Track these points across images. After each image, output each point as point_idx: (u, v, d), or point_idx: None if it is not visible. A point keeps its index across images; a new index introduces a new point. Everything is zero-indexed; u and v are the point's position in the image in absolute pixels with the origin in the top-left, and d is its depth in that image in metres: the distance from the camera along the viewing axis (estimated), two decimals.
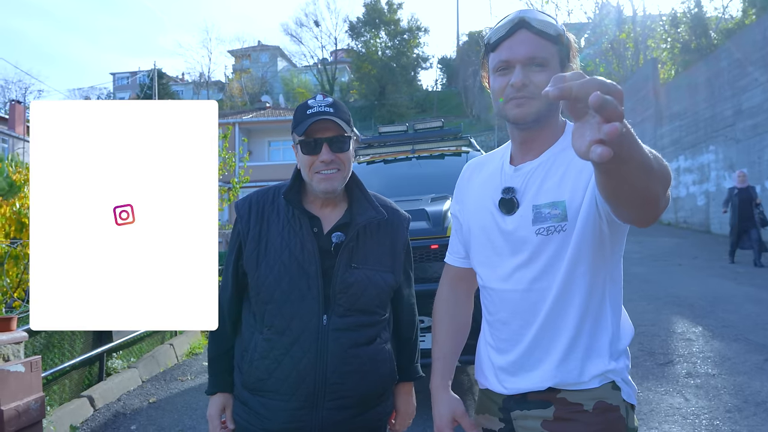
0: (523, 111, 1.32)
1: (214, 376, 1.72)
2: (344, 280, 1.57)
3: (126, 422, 4.46)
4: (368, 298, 1.61)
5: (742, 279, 8.55)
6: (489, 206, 1.43)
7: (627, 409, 1.33)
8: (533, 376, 1.36)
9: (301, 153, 1.59)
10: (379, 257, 1.65)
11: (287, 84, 55.50)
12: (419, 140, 5.88)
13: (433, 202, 4.29)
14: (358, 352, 1.58)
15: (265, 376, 1.57)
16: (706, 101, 15.08)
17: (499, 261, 1.41)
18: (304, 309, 1.55)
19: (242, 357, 1.64)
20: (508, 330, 1.41)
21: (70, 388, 4.72)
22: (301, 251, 1.57)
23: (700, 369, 4.74)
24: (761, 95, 12.42)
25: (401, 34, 53.68)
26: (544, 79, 1.29)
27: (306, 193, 1.67)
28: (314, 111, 1.57)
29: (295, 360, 1.55)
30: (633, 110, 20.43)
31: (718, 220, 14.61)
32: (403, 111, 48.82)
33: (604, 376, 1.32)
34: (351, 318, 1.58)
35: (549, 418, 1.33)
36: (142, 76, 56.88)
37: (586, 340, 1.33)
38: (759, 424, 3.62)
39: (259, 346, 1.58)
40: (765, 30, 12.27)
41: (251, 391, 1.61)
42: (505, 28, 1.34)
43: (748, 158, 13.06)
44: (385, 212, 1.68)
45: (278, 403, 1.57)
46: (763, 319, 6.13)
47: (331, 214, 1.66)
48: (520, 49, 1.31)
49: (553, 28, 1.32)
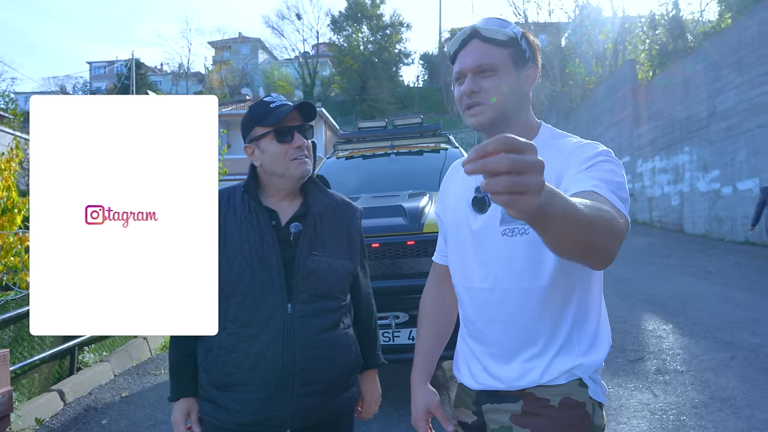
0: (478, 119, 1.38)
1: (177, 381, 1.72)
2: (306, 267, 1.62)
3: (97, 416, 4.41)
4: (330, 284, 1.66)
5: (713, 278, 8.72)
6: (464, 205, 1.46)
7: (594, 407, 1.35)
8: (500, 375, 1.39)
9: (276, 143, 1.64)
10: (337, 244, 1.72)
11: (268, 77, 55.07)
12: (398, 136, 5.88)
13: (410, 198, 4.30)
14: (323, 337, 1.62)
15: (233, 369, 1.58)
16: (682, 103, 15.33)
17: (466, 259, 1.45)
18: (269, 300, 1.58)
19: (206, 357, 1.64)
20: (475, 328, 1.45)
21: (39, 382, 4.65)
22: (260, 244, 1.61)
23: (669, 366, 4.84)
24: (735, 98, 12.67)
25: (383, 29, 53.59)
26: (494, 84, 1.35)
27: (263, 189, 1.72)
28: (279, 104, 1.66)
29: (263, 349, 1.57)
30: (611, 110, 20.67)
31: (691, 219, 14.89)
32: (384, 106, 48.77)
33: (571, 373, 1.34)
34: (315, 304, 1.62)
35: (517, 412, 1.36)
36: (120, 65, 55.98)
37: (551, 338, 1.35)
38: (723, 419, 3.71)
39: (224, 342, 1.59)
40: (740, 33, 12.50)
41: (220, 388, 1.61)
42: (458, 41, 1.41)
43: (721, 159, 13.31)
44: (339, 200, 1.78)
45: (248, 395, 1.58)
46: (732, 317, 6.27)
47: (287, 207, 1.71)
48: (468, 59, 1.37)
49: (502, 34, 1.36)
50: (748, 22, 12.26)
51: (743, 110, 12.31)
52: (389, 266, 3.83)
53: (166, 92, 56.80)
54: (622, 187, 1.20)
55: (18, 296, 4.61)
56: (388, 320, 3.79)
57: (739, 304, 6.91)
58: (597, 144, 1.34)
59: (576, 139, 1.39)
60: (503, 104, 1.36)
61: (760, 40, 11.66)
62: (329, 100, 50.41)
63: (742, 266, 9.76)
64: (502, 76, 1.35)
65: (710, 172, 13.90)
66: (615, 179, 1.21)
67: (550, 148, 1.38)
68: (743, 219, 12.33)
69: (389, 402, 4.29)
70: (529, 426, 1.34)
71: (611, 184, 1.18)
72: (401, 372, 5.06)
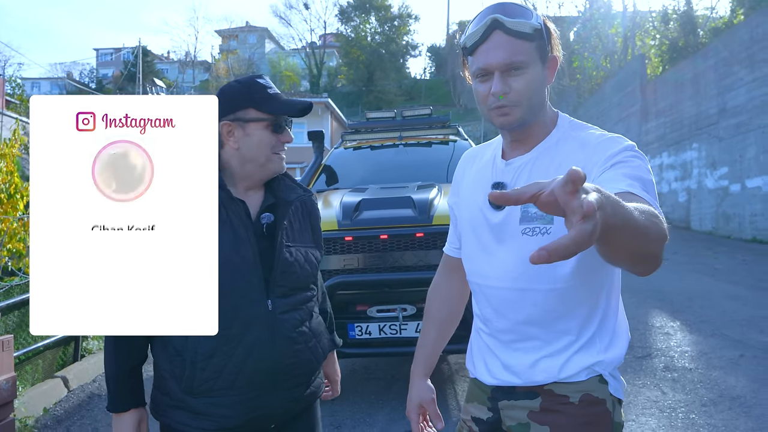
0: (508, 119, 1.30)
1: (124, 391, 1.53)
2: (285, 260, 1.56)
3: (101, 403, 4.39)
4: (306, 275, 1.62)
5: (720, 275, 8.67)
6: (479, 200, 1.41)
7: (614, 403, 1.32)
8: (518, 371, 1.36)
9: (269, 132, 1.56)
10: (305, 234, 1.67)
11: (274, 66, 54.98)
12: (407, 127, 5.84)
13: (419, 190, 4.26)
14: (303, 329, 1.59)
15: (214, 376, 1.47)
16: (692, 99, 15.20)
17: (483, 257, 1.40)
18: (249, 297, 1.50)
19: (173, 363, 1.50)
20: (492, 326, 1.41)
21: (43, 369, 4.63)
22: (234, 239, 1.50)
23: (677, 363, 4.80)
24: (745, 94, 12.55)
25: (391, 21, 53.42)
26: (525, 82, 1.27)
27: (229, 177, 1.59)
28: (276, 92, 1.59)
29: (248, 349, 1.48)
30: (620, 105, 20.54)
31: (698, 216, 14.81)
32: (391, 98, 48.67)
33: (591, 369, 1.31)
34: (292, 297, 1.57)
35: (536, 409, 1.33)
36: (127, 52, 55.99)
37: (572, 336, 1.32)
38: (733, 418, 3.67)
39: (202, 346, 1.46)
40: (752, 30, 12.36)
41: (196, 395, 1.49)
42: (479, 33, 1.27)
43: (730, 157, 13.21)
44: (309, 190, 1.73)
45: (234, 397, 1.49)
46: (739, 315, 6.22)
47: (254, 197, 1.62)
48: (496, 55, 1.25)
49: (528, 26, 1.26)
50: (760, 19, 12.12)
51: (754, 107, 12.19)
52: (397, 258, 3.79)
53: (172, 80, 56.82)
54: (653, 186, 1.16)
55: (23, 282, 4.59)
56: (395, 313, 3.76)
57: (746, 301, 6.85)
58: (621, 138, 1.29)
59: (599, 132, 1.33)
60: (532, 103, 1.30)
61: None
62: (336, 91, 50.31)
63: (749, 264, 9.70)
64: (531, 72, 1.27)
65: (719, 169, 13.80)
66: (647, 177, 1.16)
67: (571, 140, 1.33)
68: (751, 216, 12.24)
69: (394, 395, 4.27)
70: (548, 423, 1.31)
71: (645, 183, 1.13)
72: (408, 364, 5.05)
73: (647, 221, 0.94)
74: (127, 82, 49.96)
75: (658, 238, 0.98)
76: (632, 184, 1.10)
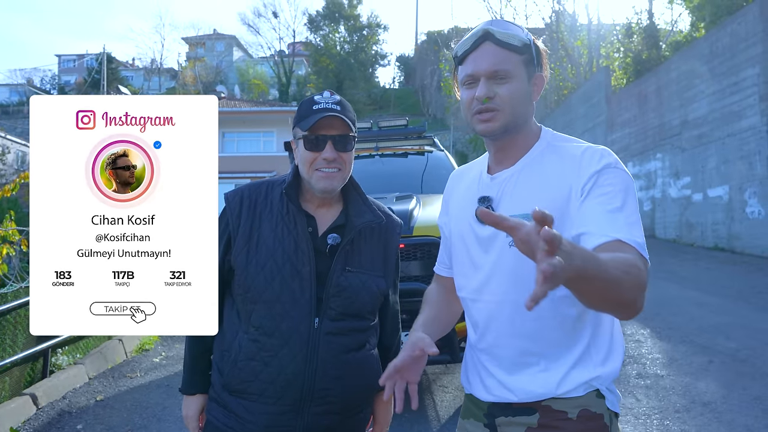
0: (490, 125, 1.34)
1: (193, 375, 1.64)
2: (339, 283, 1.53)
3: (72, 421, 4.27)
4: (361, 303, 1.57)
5: (687, 283, 8.90)
6: (467, 216, 1.43)
7: (611, 417, 1.34)
8: (513, 387, 1.36)
9: (304, 149, 1.54)
10: (373, 262, 1.61)
11: (243, 74, 54.53)
12: (383, 138, 5.85)
13: (398, 201, 4.27)
14: (348, 358, 1.54)
15: (250, 378, 1.50)
16: (655, 110, 15.63)
17: (473, 271, 1.41)
18: (296, 311, 1.50)
19: (222, 357, 1.56)
20: (486, 341, 1.41)
21: (10, 386, 4.47)
22: (294, 251, 1.51)
23: (649, 370, 4.90)
24: (706, 107, 12.95)
25: (360, 30, 53.53)
26: (509, 90, 1.31)
27: (303, 192, 1.61)
28: (321, 107, 1.53)
29: (284, 363, 1.49)
30: (585, 116, 20.98)
31: (662, 225, 15.19)
32: (361, 107, 48.68)
33: (589, 384, 1.32)
34: (343, 322, 1.54)
35: (533, 425, 1.33)
36: (90, 59, 54.77)
37: (567, 350, 1.33)
38: (706, 423, 3.77)
39: (245, 347, 1.50)
40: (712, 44, 12.79)
41: (233, 393, 1.53)
42: (470, 42, 1.35)
43: (692, 167, 13.61)
44: (383, 216, 1.65)
45: (261, 406, 1.50)
46: (707, 321, 6.40)
47: (326, 214, 1.60)
48: (483, 62, 1.32)
49: (517, 39, 1.33)
50: (719, 33, 12.56)
51: (714, 119, 12.60)
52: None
53: (137, 87, 55.79)
54: (634, 206, 1.24)
55: None
56: None
57: (712, 308, 7.05)
58: (602, 152, 1.32)
59: (584, 146, 1.36)
60: (515, 112, 1.34)
61: (731, 52, 11.95)
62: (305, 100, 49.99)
63: (713, 271, 9.98)
64: (516, 82, 1.32)
65: (682, 179, 14.19)
66: (628, 200, 1.23)
67: (553, 151, 1.37)
68: (713, 225, 12.62)
69: None
70: None
71: (627, 212, 1.21)
72: None
73: (621, 273, 1.03)
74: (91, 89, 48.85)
75: (633, 287, 1.07)
76: (619, 229, 1.17)
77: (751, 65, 11.18)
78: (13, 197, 5.53)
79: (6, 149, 27.39)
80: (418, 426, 3.94)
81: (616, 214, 1.20)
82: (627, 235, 1.16)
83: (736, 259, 10.91)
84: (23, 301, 4.54)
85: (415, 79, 54.06)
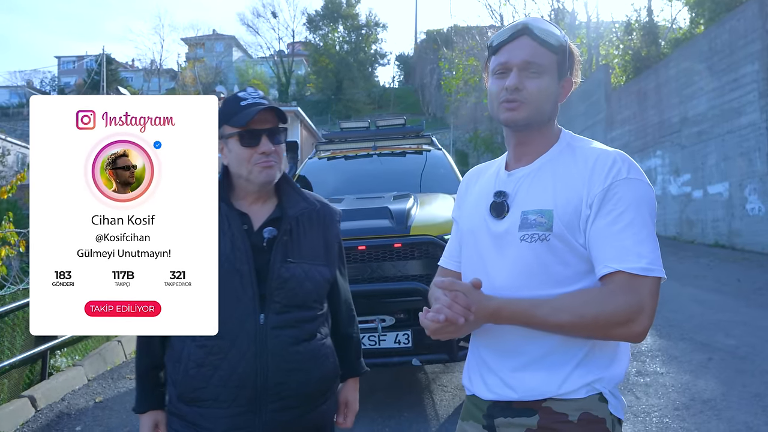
0: (514, 115, 1.35)
1: (144, 392, 1.63)
2: (280, 275, 1.54)
3: (71, 423, 4.27)
4: (305, 293, 1.58)
5: (686, 280, 8.88)
6: (482, 210, 1.43)
7: (613, 423, 1.31)
8: (515, 384, 1.34)
9: (240, 146, 1.55)
10: (314, 250, 1.62)
11: (242, 75, 54.56)
12: (381, 137, 5.86)
13: (395, 200, 4.27)
14: (298, 349, 1.55)
15: (202, 384, 1.50)
16: (655, 108, 15.61)
17: (482, 266, 1.41)
18: (240, 310, 1.50)
19: (175, 368, 1.55)
20: (491, 336, 1.40)
21: (9, 388, 4.47)
22: (231, 250, 1.51)
23: (649, 367, 4.89)
24: (706, 104, 12.94)
25: (359, 29, 53.56)
26: (538, 86, 1.33)
27: (234, 190, 1.61)
28: (250, 102, 1.55)
29: (234, 364, 1.49)
30: (585, 114, 20.96)
31: (662, 222, 15.17)
32: (360, 106, 48.74)
33: (591, 387, 1.30)
34: (289, 314, 1.54)
35: (533, 427, 1.31)
36: (90, 60, 54.82)
37: (572, 349, 1.31)
38: (706, 421, 3.76)
39: (193, 355, 1.50)
40: (711, 41, 12.77)
41: (188, 403, 1.52)
42: (508, 33, 1.37)
43: (692, 164, 13.59)
44: (317, 203, 1.68)
45: (217, 411, 1.49)
46: (706, 319, 6.39)
47: (261, 210, 1.61)
48: (518, 54, 1.34)
49: (554, 38, 1.35)
50: (718, 30, 12.54)
51: (713, 116, 12.58)
52: (375, 269, 3.78)
53: (137, 88, 55.82)
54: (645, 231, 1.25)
55: None
56: (374, 324, 3.74)
57: (712, 305, 7.04)
58: (615, 160, 1.32)
59: (597, 150, 1.37)
60: (540, 108, 1.36)
61: (730, 48, 11.93)
62: (304, 100, 50.12)
63: (713, 268, 9.97)
64: (546, 80, 1.35)
65: (681, 176, 14.18)
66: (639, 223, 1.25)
67: (569, 151, 1.39)
68: (713, 222, 12.61)
69: (373, 406, 4.25)
70: None
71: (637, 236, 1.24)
72: (385, 376, 5.04)
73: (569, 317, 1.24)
74: (91, 90, 48.88)
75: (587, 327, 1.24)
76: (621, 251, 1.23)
77: (751, 62, 11.16)
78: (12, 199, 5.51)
79: (6, 151, 27.42)
80: (418, 425, 3.93)
81: (621, 234, 1.24)
82: (632, 259, 1.21)
83: (736, 256, 10.89)
84: (22, 303, 4.54)
85: (414, 78, 54.04)
